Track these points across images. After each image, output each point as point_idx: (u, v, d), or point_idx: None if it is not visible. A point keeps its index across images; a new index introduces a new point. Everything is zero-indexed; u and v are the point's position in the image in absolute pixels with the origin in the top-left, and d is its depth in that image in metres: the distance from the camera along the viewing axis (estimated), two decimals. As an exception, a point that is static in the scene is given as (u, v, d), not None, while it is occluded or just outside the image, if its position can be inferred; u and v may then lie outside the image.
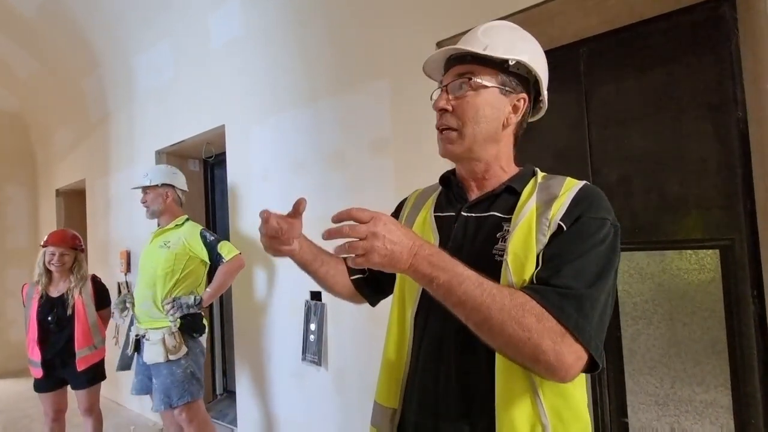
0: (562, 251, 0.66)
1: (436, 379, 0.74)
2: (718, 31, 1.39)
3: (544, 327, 0.59)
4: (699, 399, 1.44)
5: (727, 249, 1.39)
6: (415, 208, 0.92)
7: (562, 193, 0.72)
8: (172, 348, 1.95)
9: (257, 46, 2.34)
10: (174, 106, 2.91)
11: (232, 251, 2.05)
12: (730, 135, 1.38)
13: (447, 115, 0.80)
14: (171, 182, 2.18)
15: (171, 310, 1.96)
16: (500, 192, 0.79)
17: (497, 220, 0.75)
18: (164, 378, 1.95)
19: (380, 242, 0.61)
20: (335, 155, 1.98)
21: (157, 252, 2.08)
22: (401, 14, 1.75)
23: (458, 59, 0.80)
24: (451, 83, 0.80)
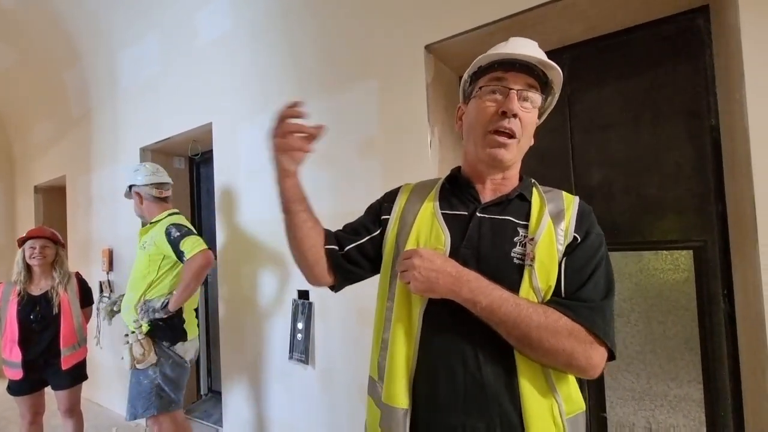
0: (581, 266, 0.76)
1: (452, 377, 0.75)
2: (694, 42, 1.46)
3: (577, 339, 0.70)
4: (673, 394, 1.50)
5: (700, 250, 1.46)
6: (413, 201, 0.90)
7: (567, 207, 0.82)
8: (139, 356, 1.81)
9: (246, 44, 2.33)
10: (160, 102, 2.86)
11: (195, 247, 1.79)
12: (704, 141, 1.44)
13: (515, 121, 0.78)
14: (132, 182, 2.04)
15: (141, 314, 1.83)
16: (513, 198, 0.83)
17: (513, 225, 0.80)
18: (132, 386, 1.86)
19: (417, 272, 0.73)
20: (324, 154, 1.98)
21: (138, 254, 1.99)
22: (391, 16, 1.77)
23: (525, 67, 0.79)
24: (521, 91, 0.79)
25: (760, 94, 1.09)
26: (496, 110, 0.78)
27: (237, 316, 2.40)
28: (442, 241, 0.80)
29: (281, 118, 0.77)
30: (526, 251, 0.75)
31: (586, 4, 1.43)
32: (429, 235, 0.82)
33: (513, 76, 0.79)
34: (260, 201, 2.27)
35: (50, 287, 2.17)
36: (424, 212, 0.86)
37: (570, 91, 1.70)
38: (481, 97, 0.82)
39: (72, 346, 2.17)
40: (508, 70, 0.79)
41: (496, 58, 0.80)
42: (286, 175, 0.83)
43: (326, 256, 0.90)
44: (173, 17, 2.68)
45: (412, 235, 0.84)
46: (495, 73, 0.80)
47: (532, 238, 0.76)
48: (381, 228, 0.92)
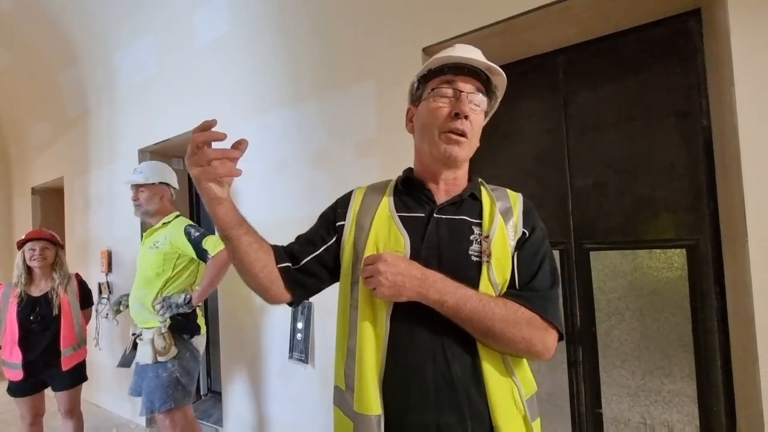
0: (531, 259, 0.82)
1: (422, 377, 0.76)
2: (686, 44, 1.48)
3: (534, 326, 0.76)
4: (667, 389, 1.53)
5: (692, 248, 1.49)
6: (368, 205, 0.89)
7: (513, 204, 0.88)
8: (161, 349, 1.87)
9: (243, 45, 2.34)
10: (157, 103, 2.87)
11: (218, 245, 1.91)
12: (696, 142, 1.47)
13: (467, 121, 0.81)
14: (167, 181, 2.10)
15: (161, 309, 1.89)
16: (466, 197, 0.87)
17: (468, 224, 0.84)
18: (149, 381, 1.89)
19: (383, 277, 0.74)
20: (321, 155, 2.01)
21: (148, 253, 2.01)
22: (388, 19, 1.79)
23: (472, 72, 0.84)
24: (471, 94, 0.83)
25: (749, 95, 1.11)
26: (449, 112, 0.81)
27: (236, 316, 2.41)
28: (401, 244, 0.81)
29: (197, 144, 0.70)
30: (483, 248, 0.80)
31: (580, 8, 1.45)
32: (387, 239, 0.83)
33: (462, 80, 0.83)
34: (260, 201, 2.28)
35: (50, 288, 2.18)
36: (380, 216, 0.86)
37: (565, 93, 1.72)
38: (433, 99, 0.84)
39: (72, 347, 2.18)
40: (457, 73, 0.83)
41: (448, 62, 0.83)
42: (217, 204, 0.76)
43: (281, 275, 0.86)
44: (170, 19, 2.69)
45: (370, 239, 0.83)
46: (445, 77, 0.83)
47: (487, 235, 0.81)
48: (336, 235, 0.90)
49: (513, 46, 1.70)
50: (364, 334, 0.80)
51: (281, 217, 2.17)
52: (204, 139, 0.70)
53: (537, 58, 1.76)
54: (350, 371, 0.82)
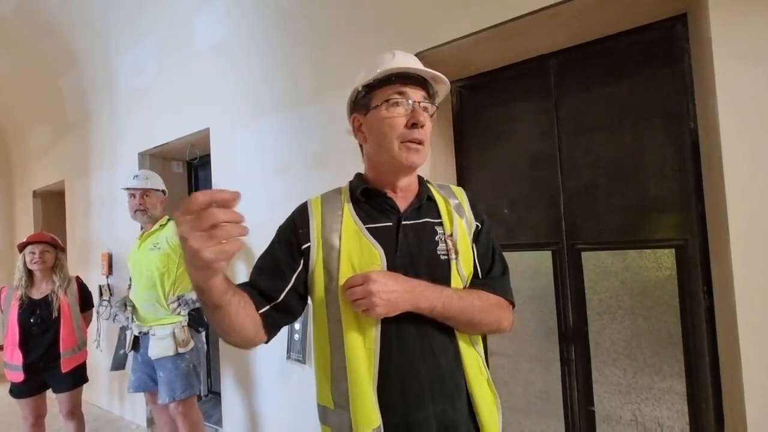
0: (486, 248, 0.93)
1: (417, 377, 0.79)
2: (674, 47, 1.51)
3: (501, 308, 0.88)
4: (657, 387, 1.56)
5: (681, 248, 1.51)
6: (329, 219, 0.87)
7: (461, 199, 0.95)
8: (182, 341, 2.04)
9: (242, 50, 2.38)
10: (157, 107, 2.91)
11: None
12: (684, 144, 1.50)
13: (423, 130, 0.84)
14: (164, 188, 2.30)
15: (178, 307, 2.05)
16: (424, 201, 0.91)
17: (431, 225, 0.88)
18: (169, 371, 2.03)
19: (377, 297, 0.74)
20: (317, 158, 2.04)
21: (149, 255, 2.14)
22: (382, 24, 1.82)
23: (420, 81, 0.86)
24: (422, 102, 0.85)
25: (729, 99, 1.14)
26: (406, 122, 0.83)
27: (235, 317, 2.44)
28: (377, 257, 0.81)
29: (198, 206, 0.55)
30: (448, 246, 0.86)
31: (569, 14, 1.48)
32: (361, 254, 0.82)
33: (412, 90, 0.85)
34: (258, 204, 2.31)
35: (50, 291, 2.21)
36: (347, 230, 0.84)
37: (557, 96, 1.75)
38: (386, 110, 0.85)
39: (72, 349, 2.21)
40: (405, 83, 0.85)
41: (397, 71, 0.84)
42: (214, 274, 0.64)
43: (262, 320, 0.82)
44: (169, 23, 2.73)
45: (343, 257, 0.82)
46: (395, 87, 0.85)
47: (450, 234, 0.87)
48: (303, 258, 0.86)
49: (505, 50, 1.73)
50: (354, 351, 0.79)
51: (280, 219, 2.20)
52: (208, 199, 0.55)
53: (529, 61, 1.79)
54: (340, 390, 0.81)
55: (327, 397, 0.85)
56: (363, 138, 0.93)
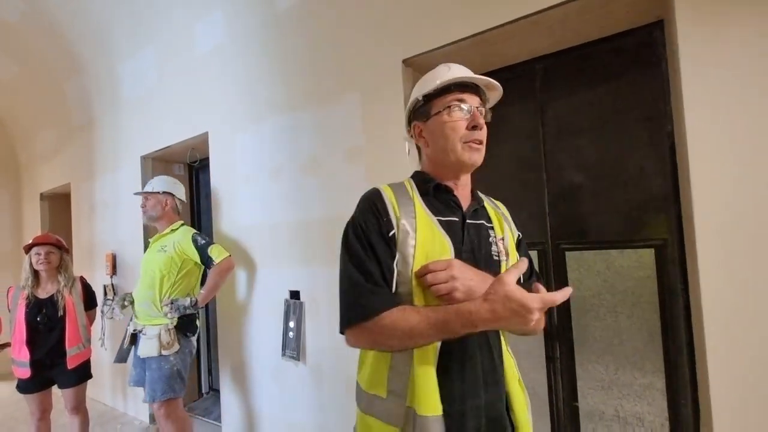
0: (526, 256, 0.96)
1: (474, 367, 0.86)
2: (652, 53, 1.55)
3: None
4: (638, 383, 1.60)
5: (661, 248, 1.56)
6: (405, 208, 0.89)
7: (505, 212, 1.06)
8: (166, 344, 2.08)
9: (239, 57, 2.45)
10: (159, 112, 2.99)
11: (222, 254, 2.18)
12: (663, 146, 1.54)
13: (482, 132, 0.93)
14: (171, 191, 2.36)
15: (170, 312, 2.11)
16: (480, 204, 1.00)
17: (486, 228, 0.96)
18: (153, 372, 2.08)
19: (459, 282, 0.79)
20: (311, 162, 2.11)
21: (156, 256, 2.22)
22: (371, 32, 1.88)
23: (473, 89, 0.94)
24: (479, 107, 0.94)
25: (695, 105, 1.19)
26: (467, 125, 0.91)
27: (232, 317, 2.51)
28: (447, 249, 0.86)
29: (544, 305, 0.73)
30: (500, 248, 0.93)
31: (552, 21, 1.53)
32: (433, 243, 0.86)
33: (469, 97, 0.93)
34: (254, 206, 2.38)
35: (56, 291, 2.29)
36: (421, 221, 0.88)
37: (542, 100, 1.80)
38: (448, 115, 0.92)
39: (77, 347, 2.29)
40: (463, 91, 0.93)
41: (456, 81, 0.93)
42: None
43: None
44: (171, 30, 2.80)
45: (419, 244, 0.85)
46: (454, 95, 0.92)
47: (502, 237, 0.96)
48: (393, 245, 0.87)
49: (491, 56, 1.78)
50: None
51: (274, 221, 2.27)
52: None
53: (515, 66, 1.84)
54: (401, 378, 0.83)
55: (381, 386, 0.85)
56: (425, 143, 0.98)
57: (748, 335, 1.11)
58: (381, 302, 0.81)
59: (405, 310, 0.80)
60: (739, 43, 1.14)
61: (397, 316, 0.79)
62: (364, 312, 0.81)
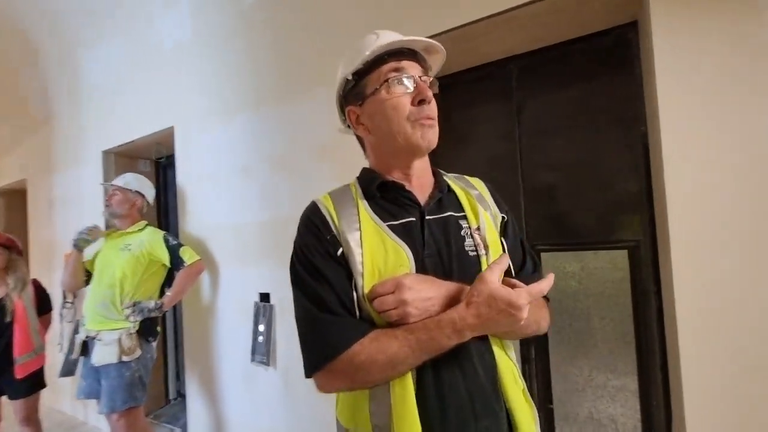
0: (515, 243, 0.85)
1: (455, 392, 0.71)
2: (626, 54, 1.55)
3: (539, 307, 0.81)
4: (612, 385, 1.59)
5: (634, 249, 1.55)
6: (347, 219, 0.77)
7: (481, 190, 0.88)
8: (127, 349, 1.95)
9: (206, 50, 2.34)
10: (122, 105, 2.83)
11: (193, 256, 2.12)
12: (637, 147, 1.53)
13: (432, 105, 0.77)
14: (143, 192, 2.25)
15: (132, 314, 1.98)
16: (444, 192, 0.83)
17: (455, 219, 0.80)
18: (112, 380, 1.94)
19: (410, 307, 0.67)
20: (280, 159, 2.02)
21: (117, 254, 2.09)
22: (341, 27, 1.82)
23: (410, 55, 0.79)
24: (422, 76, 0.78)
25: (671, 105, 1.17)
26: (411, 100, 0.76)
27: (200, 320, 2.40)
28: (404, 258, 0.73)
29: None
30: (476, 241, 0.77)
31: (527, 18, 1.50)
32: (385, 255, 0.73)
33: (409, 65, 0.78)
34: (222, 205, 2.28)
35: (4, 294, 2.13)
36: (366, 230, 0.75)
37: (518, 100, 1.77)
38: (387, 92, 0.76)
39: (27, 355, 2.13)
40: (400, 59, 0.77)
41: (388, 49, 0.77)
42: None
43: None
44: (135, 21, 2.66)
45: (366, 261, 0.72)
46: (390, 65, 0.77)
47: (477, 227, 0.78)
48: (345, 264, 0.75)
49: (466, 53, 1.74)
50: None
51: (243, 221, 2.17)
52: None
53: (490, 65, 1.81)
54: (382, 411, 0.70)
55: (364, 421, 0.73)
56: (365, 130, 0.83)
57: (720, 336, 1.11)
58: (346, 333, 0.69)
59: (379, 338, 0.68)
60: (713, 45, 1.13)
61: (372, 347, 0.68)
62: (330, 349, 0.69)
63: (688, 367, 1.14)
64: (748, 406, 1.08)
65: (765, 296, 1.07)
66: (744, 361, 1.08)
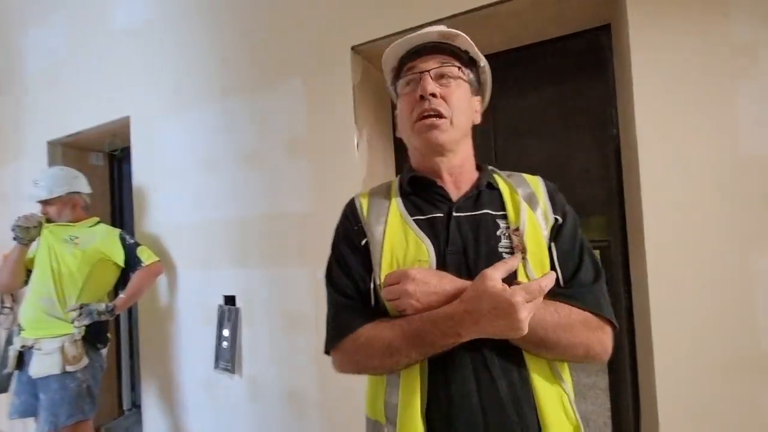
0: (570, 249, 0.75)
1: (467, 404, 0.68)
2: (599, 57, 1.57)
3: (590, 328, 0.69)
4: (583, 383, 1.62)
5: (605, 250, 1.57)
6: (374, 213, 0.80)
7: (535, 188, 0.81)
8: (71, 358, 1.78)
9: (165, 34, 2.18)
10: (70, 91, 2.59)
11: (152, 256, 2.01)
12: (608, 149, 1.56)
13: (436, 100, 0.75)
14: (75, 189, 2.01)
15: (78, 318, 1.79)
16: (483, 188, 0.79)
17: (492, 218, 0.75)
18: (53, 393, 1.76)
19: (413, 299, 0.66)
20: (250, 154, 1.91)
21: (61, 246, 1.89)
22: (317, 14, 1.74)
23: (433, 49, 0.79)
24: (435, 69, 0.76)
25: (647, 109, 1.19)
26: (415, 98, 0.77)
27: (158, 324, 2.24)
28: (424, 252, 0.72)
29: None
30: (513, 243, 0.72)
31: (504, 16, 1.49)
32: (406, 249, 0.73)
33: (422, 61, 0.78)
34: (184, 202, 2.13)
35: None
36: (392, 223, 0.76)
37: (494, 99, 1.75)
38: (401, 92, 0.80)
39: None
40: (416, 58, 0.79)
41: (401, 51, 0.81)
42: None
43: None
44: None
45: (385, 252, 0.74)
46: (408, 65, 0.80)
47: (516, 228, 0.73)
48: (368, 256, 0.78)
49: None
50: None
51: (207, 219, 2.04)
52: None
53: (467, 62, 1.79)
54: (391, 403, 0.72)
55: (378, 410, 0.75)
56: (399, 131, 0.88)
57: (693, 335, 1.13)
58: (354, 318, 0.74)
59: (378, 325, 0.71)
60: (688, 47, 1.15)
61: (372, 332, 0.71)
62: (340, 330, 0.74)
63: (661, 367, 1.16)
64: (719, 403, 1.10)
65: (738, 296, 1.10)
66: (714, 359, 1.11)
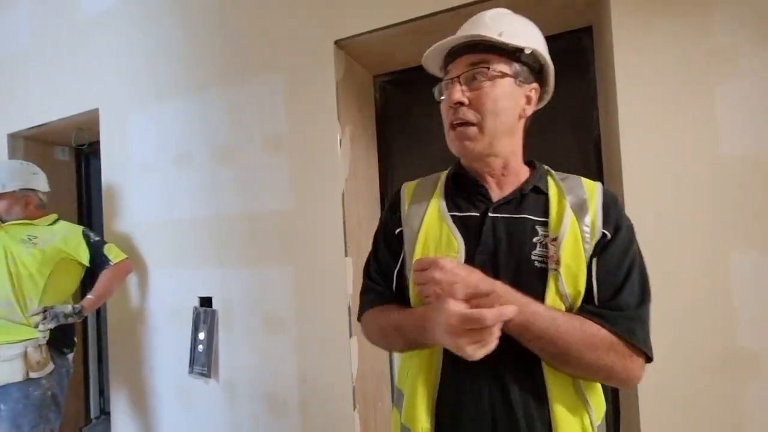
0: (614, 268, 0.69)
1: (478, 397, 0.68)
2: (581, 59, 1.58)
3: (617, 352, 0.65)
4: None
5: (585, 250, 1.59)
6: (417, 203, 0.82)
7: (589, 197, 0.74)
8: (35, 364, 1.68)
9: (138, 23, 2.08)
10: (33, 82, 2.45)
11: (120, 254, 1.92)
12: (589, 151, 1.58)
13: (463, 108, 0.74)
14: (32, 186, 1.88)
15: (43, 321, 1.69)
16: (527, 192, 0.76)
17: (531, 224, 0.72)
18: (15, 403, 1.65)
19: (439, 287, 0.65)
20: (226, 150, 1.84)
21: (18, 247, 1.77)
22: (300, 7, 1.69)
23: (468, 48, 0.76)
24: (464, 74, 0.74)
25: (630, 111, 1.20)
26: (447, 105, 0.77)
27: (128, 326, 2.14)
28: (455, 248, 0.72)
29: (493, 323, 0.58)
30: (549, 253, 0.68)
31: (488, 14, 1.47)
32: (439, 241, 0.74)
33: (454, 66, 0.77)
34: (156, 199, 2.04)
35: None
36: (430, 215, 0.78)
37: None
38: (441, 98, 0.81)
39: None
40: (452, 59, 0.79)
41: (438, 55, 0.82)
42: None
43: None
44: (50, -17, 2.31)
45: (419, 241, 0.76)
46: (446, 67, 0.80)
47: (555, 237, 0.68)
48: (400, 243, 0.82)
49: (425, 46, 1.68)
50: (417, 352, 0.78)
51: (181, 217, 1.96)
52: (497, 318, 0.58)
53: (450, 61, 1.78)
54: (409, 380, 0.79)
55: (403, 382, 0.81)
56: None
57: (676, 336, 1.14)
58: (371, 298, 0.83)
59: (384, 309, 0.80)
60: (671, 49, 1.17)
61: (376, 314, 0.81)
62: (363, 305, 0.85)
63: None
64: (698, 399, 1.12)
65: (718, 293, 1.12)
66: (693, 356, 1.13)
